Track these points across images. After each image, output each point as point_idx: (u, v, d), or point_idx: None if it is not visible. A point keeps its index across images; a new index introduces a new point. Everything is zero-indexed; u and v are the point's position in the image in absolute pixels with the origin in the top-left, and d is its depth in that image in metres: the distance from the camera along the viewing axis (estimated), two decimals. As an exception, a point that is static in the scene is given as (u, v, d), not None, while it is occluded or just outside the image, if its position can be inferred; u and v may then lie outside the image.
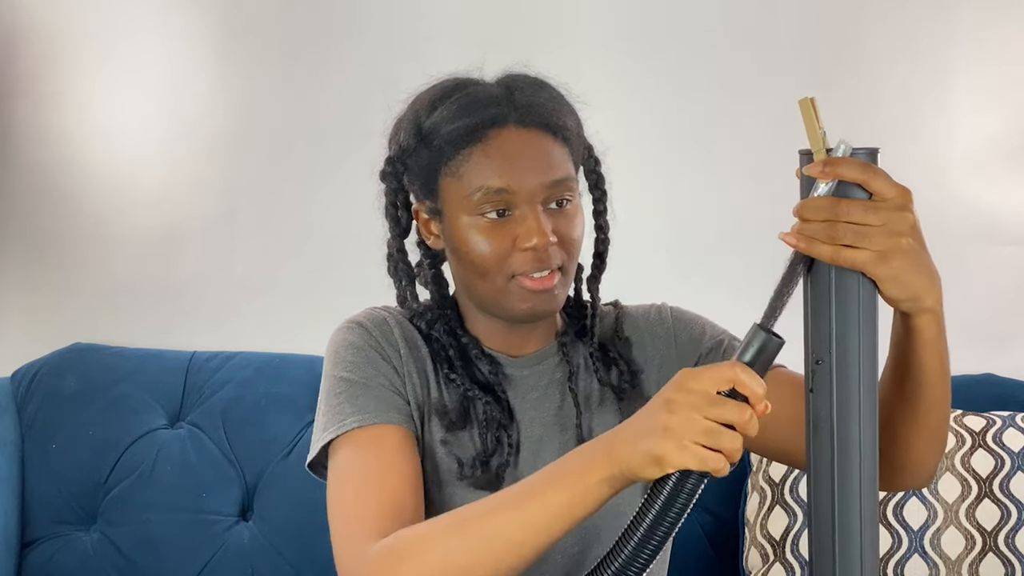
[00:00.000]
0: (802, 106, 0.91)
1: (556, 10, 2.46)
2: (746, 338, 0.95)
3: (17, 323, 2.56)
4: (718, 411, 0.92)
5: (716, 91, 2.45)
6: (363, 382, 1.23)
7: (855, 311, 0.93)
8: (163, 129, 2.53)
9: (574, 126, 1.28)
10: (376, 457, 1.18)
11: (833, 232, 0.91)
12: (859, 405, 0.94)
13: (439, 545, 1.04)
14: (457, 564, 1.02)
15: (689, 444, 0.92)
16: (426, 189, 1.27)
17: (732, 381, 0.93)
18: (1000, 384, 2.33)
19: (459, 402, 1.27)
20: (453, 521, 1.06)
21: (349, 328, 1.28)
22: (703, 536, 2.27)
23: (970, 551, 2.04)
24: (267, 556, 2.26)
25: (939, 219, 2.39)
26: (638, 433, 0.96)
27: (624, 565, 0.95)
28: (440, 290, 1.34)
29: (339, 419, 1.21)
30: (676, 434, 0.93)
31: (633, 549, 0.94)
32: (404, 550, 1.05)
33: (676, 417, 0.93)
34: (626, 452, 0.96)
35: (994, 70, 2.42)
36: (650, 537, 0.94)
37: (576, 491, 1.00)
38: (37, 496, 2.31)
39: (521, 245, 1.21)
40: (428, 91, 1.28)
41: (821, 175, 0.91)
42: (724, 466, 0.93)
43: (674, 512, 0.94)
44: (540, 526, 1.01)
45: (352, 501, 1.16)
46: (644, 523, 0.94)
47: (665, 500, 0.93)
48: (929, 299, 0.98)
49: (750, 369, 0.93)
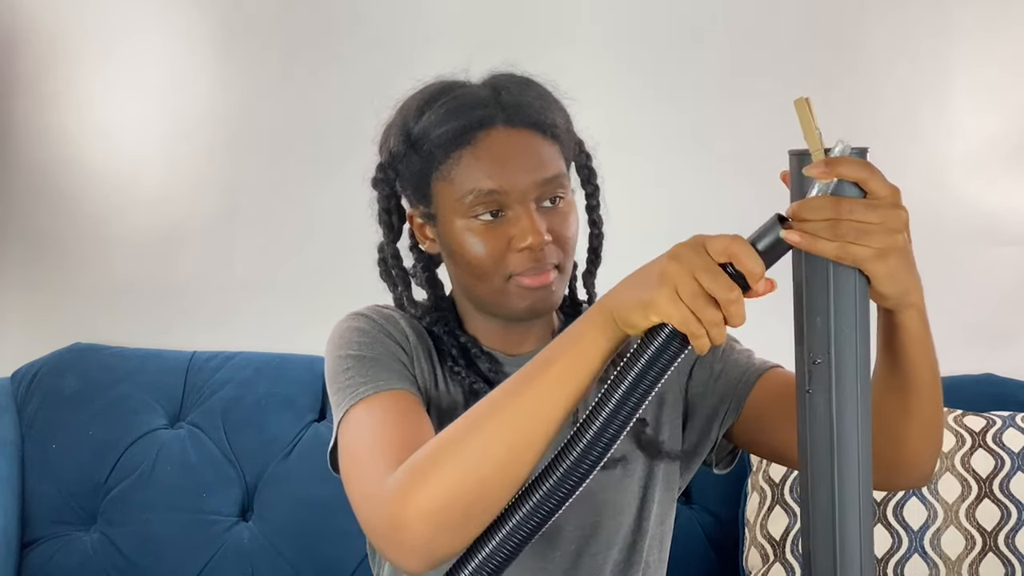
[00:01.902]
0: (798, 106, 0.91)
1: (556, 10, 2.46)
2: (763, 226, 0.94)
3: (17, 323, 2.56)
4: (708, 278, 0.92)
5: (715, 91, 2.45)
6: (372, 357, 1.22)
7: (852, 310, 0.94)
8: (163, 129, 2.53)
9: (563, 123, 1.28)
10: (389, 413, 1.16)
11: (837, 230, 0.91)
12: (857, 404, 0.94)
13: (452, 446, 1.02)
14: (477, 459, 1.00)
15: (678, 299, 0.93)
16: (419, 194, 1.27)
17: (728, 254, 0.93)
18: (1000, 384, 2.33)
19: (464, 396, 1.28)
20: (462, 425, 1.04)
21: (353, 317, 1.28)
22: (703, 536, 2.27)
23: (970, 551, 2.04)
24: (267, 556, 2.26)
25: (938, 219, 2.41)
26: (635, 280, 0.98)
27: (601, 427, 0.95)
28: (436, 292, 1.34)
29: (351, 392, 1.18)
30: (669, 284, 0.93)
31: (611, 410, 0.94)
32: (419, 466, 1.02)
33: (673, 268, 0.94)
34: (619, 298, 0.98)
35: (994, 70, 2.42)
36: (625, 399, 0.94)
37: (574, 350, 1.00)
38: (37, 496, 2.31)
39: (516, 245, 1.21)
40: (415, 96, 1.28)
41: (822, 175, 0.92)
42: (703, 335, 0.93)
43: (652, 373, 0.94)
44: (547, 395, 1.00)
45: (366, 452, 1.12)
46: (623, 382, 0.94)
47: (645, 359, 0.94)
48: (915, 295, 0.99)
49: (752, 249, 0.93)
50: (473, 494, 1.00)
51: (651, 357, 0.94)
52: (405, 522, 1.01)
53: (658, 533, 1.34)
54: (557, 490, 0.96)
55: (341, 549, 2.22)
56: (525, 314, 1.25)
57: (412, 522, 1.01)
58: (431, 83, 1.29)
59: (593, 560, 1.28)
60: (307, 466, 2.28)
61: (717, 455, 1.35)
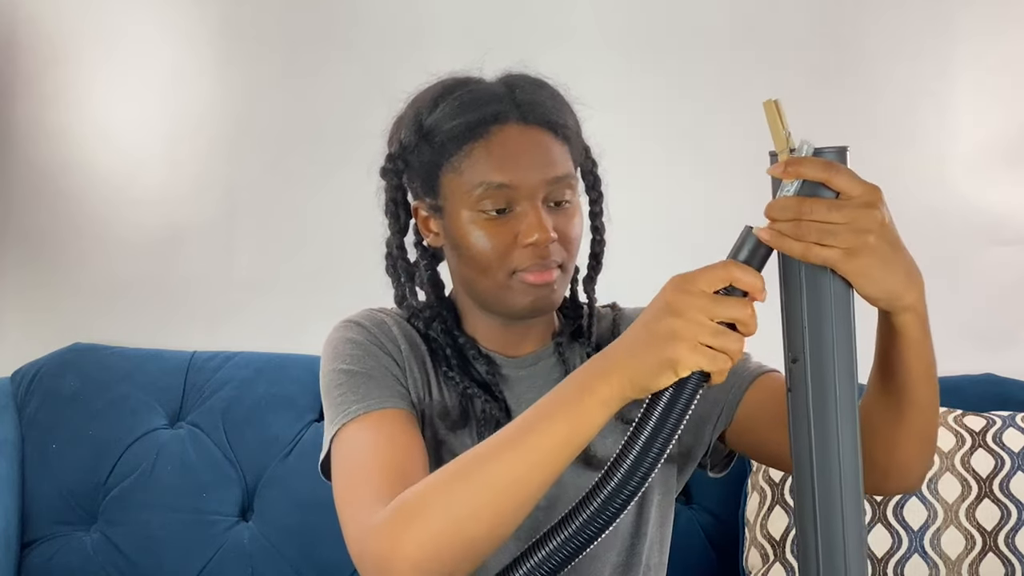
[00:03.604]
0: (766, 108, 0.93)
1: (556, 10, 2.46)
2: (738, 240, 0.95)
3: (17, 323, 2.56)
4: (722, 309, 0.92)
5: (716, 91, 2.45)
6: (364, 372, 1.22)
7: (828, 309, 0.93)
8: (163, 129, 2.53)
9: (574, 125, 1.28)
10: (381, 434, 1.17)
11: (799, 230, 0.91)
12: (836, 403, 0.94)
13: (443, 497, 1.02)
14: (463, 512, 1.01)
15: (699, 346, 0.92)
16: (427, 186, 1.27)
17: (728, 279, 0.93)
18: (1000, 384, 2.33)
19: (458, 401, 1.27)
20: (453, 470, 1.04)
21: (346, 327, 1.28)
22: (703, 536, 2.27)
23: (970, 551, 2.04)
24: (267, 556, 2.26)
25: (939, 219, 2.41)
26: (640, 344, 0.95)
27: (628, 473, 0.93)
28: (437, 291, 1.34)
29: (343, 409, 1.20)
30: (686, 336, 0.92)
31: (636, 456, 0.93)
32: (409, 509, 1.03)
33: (682, 320, 0.93)
34: (631, 366, 0.95)
35: (994, 70, 2.42)
36: (651, 444, 0.93)
37: (573, 419, 0.99)
38: (37, 496, 2.31)
39: (522, 241, 1.21)
40: (429, 89, 1.29)
41: (784, 175, 0.93)
42: (728, 367, 0.93)
43: (675, 417, 0.93)
44: (540, 461, 0.99)
45: (356, 474, 1.14)
46: (645, 430, 0.93)
47: (666, 403, 0.93)
48: (908, 297, 0.98)
49: (744, 265, 0.94)
50: (461, 546, 1.01)
51: (683, 406, 0.94)
52: (393, 565, 1.02)
53: (658, 536, 1.33)
54: (571, 541, 0.95)
55: (341, 549, 2.19)
56: (526, 311, 1.25)
57: (399, 566, 1.02)
58: (445, 77, 1.29)
59: (592, 563, 1.28)
60: (307, 466, 2.27)
61: (712, 459, 1.35)
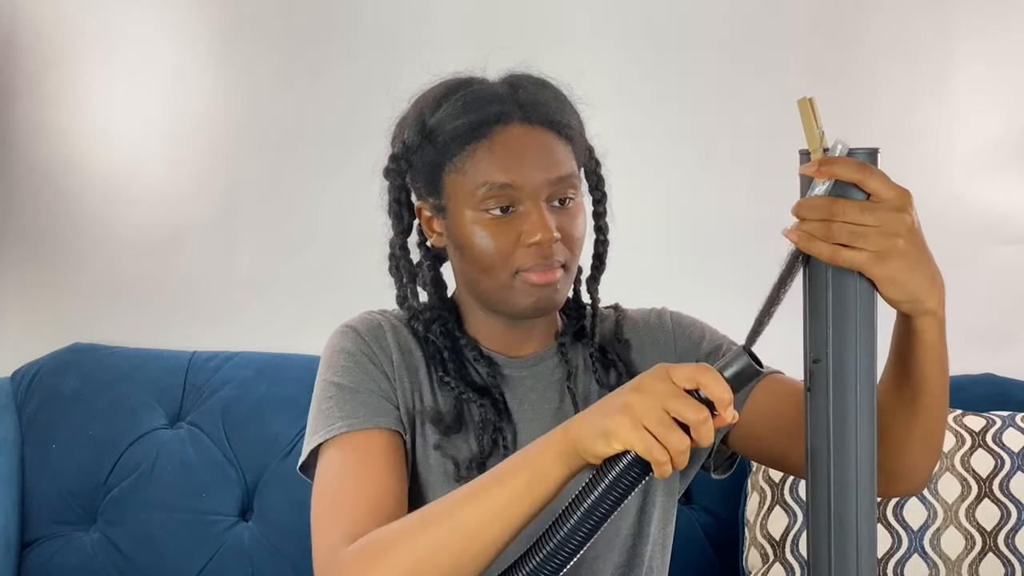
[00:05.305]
0: (800, 106, 0.92)
1: (559, 10, 2.46)
2: (731, 355, 0.95)
3: (17, 323, 2.56)
4: (677, 404, 0.93)
5: (716, 91, 2.45)
6: (353, 387, 1.24)
7: (852, 311, 0.93)
8: (163, 129, 2.53)
9: (577, 126, 1.29)
10: (359, 462, 1.19)
11: (829, 231, 0.91)
12: (856, 404, 0.94)
13: (407, 542, 1.04)
14: (424, 558, 1.03)
15: (641, 427, 0.93)
16: (430, 186, 1.27)
17: (695, 381, 0.93)
18: (1000, 384, 2.33)
19: (453, 406, 1.28)
20: (421, 516, 1.07)
21: (343, 333, 1.29)
22: (703, 536, 2.27)
23: (970, 551, 2.04)
24: (267, 556, 2.26)
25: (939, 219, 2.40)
26: (599, 410, 0.98)
27: (549, 555, 0.95)
28: (439, 292, 1.34)
29: (328, 423, 1.22)
30: (632, 414, 0.94)
31: (565, 534, 0.95)
32: (374, 550, 1.06)
33: (638, 398, 0.94)
34: (580, 426, 0.98)
35: (994, 70, 2.42)
36: (582, 524, 0.94)
37: (532, 470, 1.01)
38: (37, 496, 2.31)
39: (526, 241, 1.21)
40: (432, 89, 1.29)
41: (816, 174, 0.92)
42: (666, 462, 0.93)
43: (609, 499, 0.94)
44: (499, 511, 1.01)
45: (331, 504, 1.17)
46: (580, 507, 0.95)
47: (605, 485, 0.94)
48: (930, 301, 0.98)
49: (719, 375, 0.94)
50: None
51: (609, 484, 0.94)
52: None
53: (660, 537, 1.34)
54: None
55: (341, 549, 2.22)
56: (529, 311, 1.25)
57: None
58: (448, 78, 1.29)
59: (594, 564, 1.28)
60: (307, 466, 2.28)
61: (715, 460, 1.35)
